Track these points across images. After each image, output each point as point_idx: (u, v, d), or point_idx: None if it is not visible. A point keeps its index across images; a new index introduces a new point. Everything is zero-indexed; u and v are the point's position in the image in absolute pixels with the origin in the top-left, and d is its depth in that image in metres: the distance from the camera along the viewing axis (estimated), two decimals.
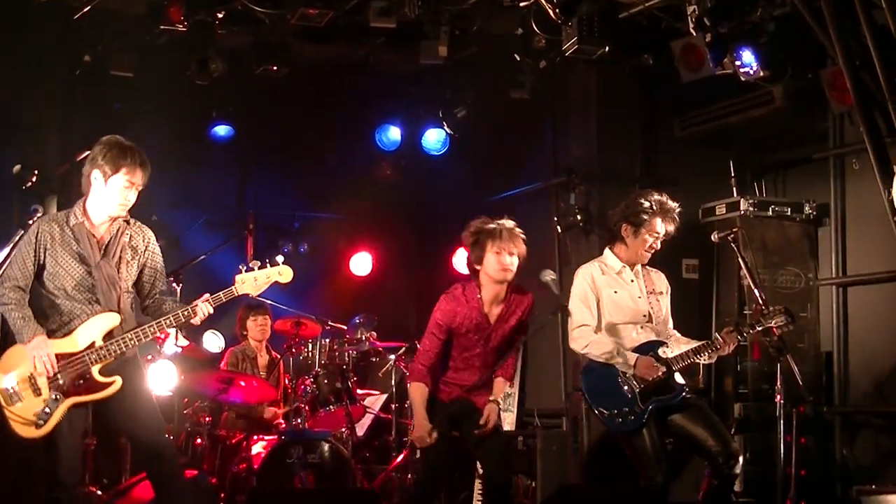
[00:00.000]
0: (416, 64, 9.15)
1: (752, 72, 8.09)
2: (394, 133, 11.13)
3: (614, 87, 9.77)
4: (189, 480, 7.15)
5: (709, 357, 6.53)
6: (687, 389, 6.54)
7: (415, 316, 11.41)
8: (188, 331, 8.62)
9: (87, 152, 8.96)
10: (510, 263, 6.39)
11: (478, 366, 6.47)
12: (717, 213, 9.22)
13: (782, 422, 6.94)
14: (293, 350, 9.38)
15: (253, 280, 5.96)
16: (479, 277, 6.46)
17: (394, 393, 9.46)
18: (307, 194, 11.74)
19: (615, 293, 6.65)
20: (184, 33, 8.45)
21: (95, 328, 5.82)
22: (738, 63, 8.04)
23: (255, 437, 8.46)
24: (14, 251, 6.17)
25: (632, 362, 6.45)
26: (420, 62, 9.08)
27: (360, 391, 9.30)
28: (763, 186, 9.74)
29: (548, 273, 6.40)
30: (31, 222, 6.19)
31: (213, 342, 9.93)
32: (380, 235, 11.79)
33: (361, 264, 11.79)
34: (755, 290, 6.78)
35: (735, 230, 7.10)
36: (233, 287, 5.95)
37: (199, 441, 8.57)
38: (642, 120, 9.93)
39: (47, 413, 5.72)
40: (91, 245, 5.87)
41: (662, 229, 6.66)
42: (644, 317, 6.63)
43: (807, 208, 9.17)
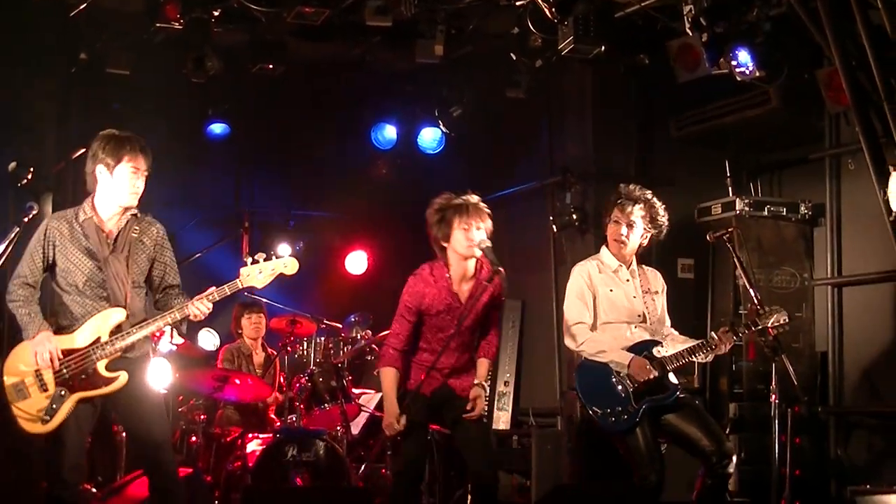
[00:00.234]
0: (413, 63, 9.14)
1: (749, 72, 8.09)
2: (390, 132, 11.13)
3: (610, 87, 9.78)
4: (184, 482, 7.13)
5: (704, 357, 6.52)
6: (681, 389, 6.54)
7: None
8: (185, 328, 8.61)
9: (83, 150, 8.99)
10: (478, 238, 6.27)
11: (454, 347, 6.32)
12: (713, 213, 9.23)
13: (777, 422, 6.96)
14: (288, 348, 9.38)
15: (258, 272, 5.90)
16: (447, 256, 6.34)
17: None
18: (303, 192, 11.74)
19: (611, 291, 6.64)
20: (180, 31, 8.44)
21: (102, 323, 5.82)
22: (735, 63, 8.04)
23: (251, 435, 8.46)
24: (9, 247, 6.17)
25: (626, 362, 6.45)
26: (416, 61, 9.07)
27: (356, 389, 9.29)
28: (759, 186, 9.75)
29: (483, 242, 6.25)
30: (27, 219, 6.18)
31: (209, 340, 9.92)
32: (375, 234, 11.80)
33: (357, 263, 11.80)
34: (750, 290, 6.78)
35: (731, 230, 7.10)
36: (237, 280, 5.90)
37: (194, 439, 8.56)
38: (638, 119, 9.94)
39: (54, 409, 5.72)
40: (100, 240, 5.87)
41: (635, 217, 6.63)
42: (639, 316, 6.63)
43: (802, 208, 9.18)
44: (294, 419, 8.70)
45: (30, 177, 7.83)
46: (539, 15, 8.32)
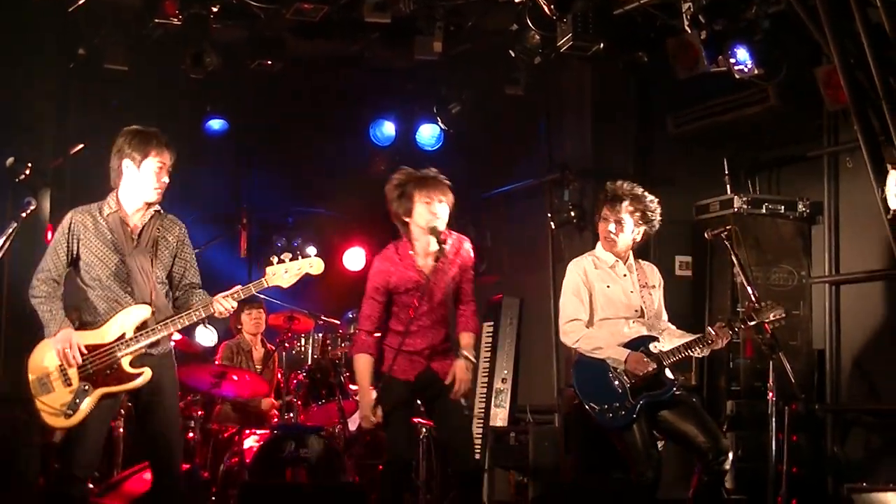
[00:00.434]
0: (411, 59, 9.14)
1: (747, 69, 8.09)
2: (388, 128, 11.14)
3: (609, 84, 9.77)
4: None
5: (701, 352, 6.53)
6: (678, 385, 6.55)
7: None
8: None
9: (81, 146, 9.02)
10: (441, 211, 6.27)
11: (428, 325, 6.30)
12: (711, 211, 9.22)
13: (774, 419, 6.95)
14: (286, 344, 9.38)
15: (283, 272, 5.89)
16: (410, 231, 6.33)
17: None
18: (301, 189, 11.74)
19: (608, 287, 6.65)
20: (178, 27, 8.44)
21: (127, 320, 5.83)
22: (733, 60, 8.04)
23: (248, 432, 8.46)
24: (7, 242, 6.16)
25: (622, 358, 6.45)
26: (415, 58, 9.07)
27: (353, 386, 9.28)
28: (757, 184, 9.74)
29: (443, 219, 6.29)
30: (25, 215, 6.17)
31: (206, 336, 9.92)
32: (373, 231, 11.76)
33: (355, 259, 11.80)
34: (748, 288, 6.79)
35: (728, 228, 7.11)
36: (263, 279, 5.89)
37: (192, 435, 8.55)
38: (636, 117, 9.92)
39: (77, 403, 5.72)
40: (125, 234, 5.89)
41: (624, 214, 6.64)
42: (636, 311, 6.64)
43: (800, 206, 9.18)
44: (291, 415, 8.71)
45: (28, 172, 7.81)
46: (538, 12, 8.31)
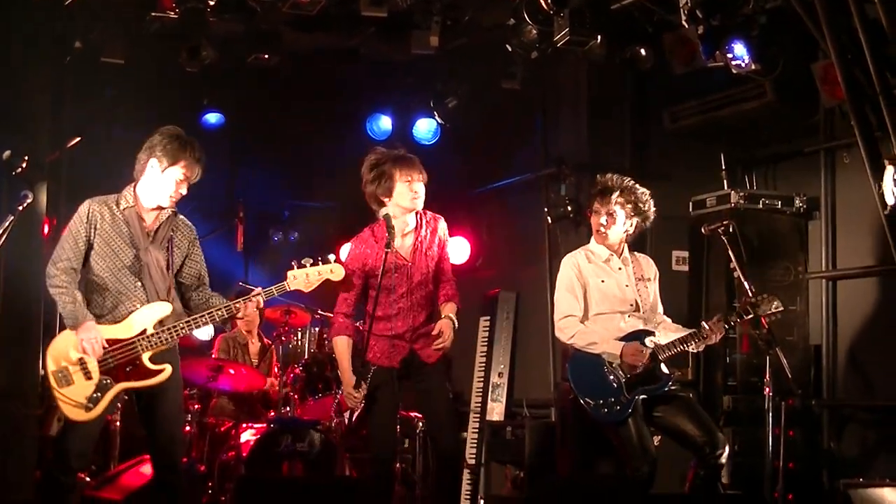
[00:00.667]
0: (408, 54, 9.13)
1: (744, 65, 8.08)
2: (385, 123, 11.12)
3: (605, 79, 9.76)
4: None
5: (696, 346, 6.53)
6: (673, 379, 6.56)
7: None
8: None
9: (78, 139, 9.01)
10: (420, 190, 6.27)
11: (407, 307, 6.28)
12: (708, 206, 9.20)
13: (771, 414, 6.97)
14: (282, 338, 9.39)
15: (305, 276, 5.98)
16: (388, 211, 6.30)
17: None
18: (297, 183, 11.74)
19: (602, 282, 6.65)
20: (175, 20, 8.42)
21: (148, 316, 5.84)
22: (730, 56, 8.03)
23: (245, 425, 8.46)
24: (3, 235, 6.15)
25: (618, 352, 6.45)
26: (411, 52, 9.05)
27: None
28: (753, 179, 9.73)
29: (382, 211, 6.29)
30: (21, 208, 6.18)
31: (203, 329, 9.89)
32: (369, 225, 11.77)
33: None
34: (745, 283, 6.79)
35: (725, 223, 7.10)
36: (285, 283, 5.98)
37: (188, 429, 8.56)
38: (633, 112, 9.91)
39: (97, 397, 5.74)
40: (141, 230, 5.90)
41: (603, 205, 6.64)
42: (631, 305, 6.65)
43: (797, 202, 9.17)
44: (288, 409, 8.71)
45: (24, 165, 7.82)
46: (535, 6, 8.29)
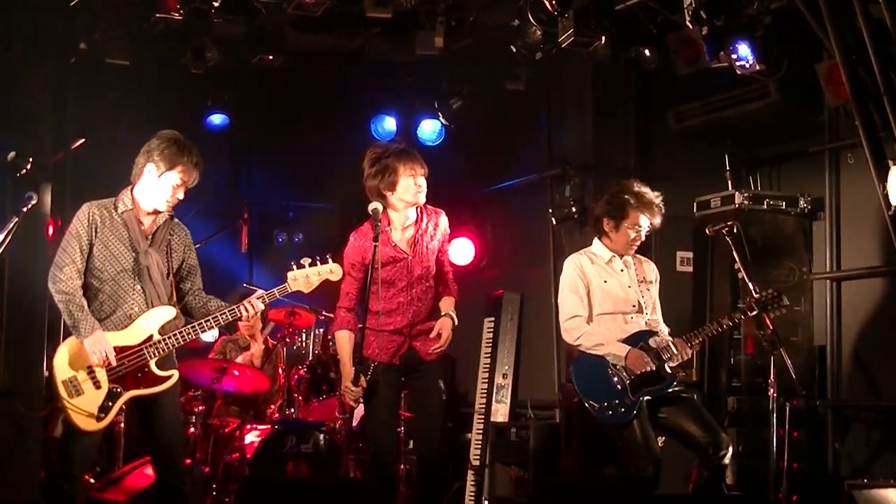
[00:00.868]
0: (412, 54, 9.12)
1: (748, 65, 8.07)
2: (389, 123, 11.11)
3: (610, 80, 9.76)
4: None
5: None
6: (677, 379, 6.55)
7: None
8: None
9: (83, 140, 9.02)
10: (423, 183, 6.27)
11: (406, 302, 6.27)
12: (712, 207, 9.20)
13: (775, 415, 6.96)
14: (287, 340, 9.39)
15: (305, 277, 6.01)
16: (390, 205, 6.30)
17: None
18: (302, 184, 11.74)
19: (605, 283, 6.65)
20: (180, 21, 8.43)
21: (153, 321, 5.85)
22: (734, 56, 8.03)
23: (249, 427, 8.46)
24: (8, 237, 6.15)
25: (623, 354, 6.45)
26: (416, 53, 9.05)
27: None
28: (758, 180, 9.73)
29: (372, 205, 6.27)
30: (26, 210, 6.17)
31: (208, 332, 9.90)
32: None
33: None
34: (749, 284, 6.79)
35: (730, 223, 7.10)
36: (285, 284, 6.01)
37: (192, 430, 8.57)
38: (637, 112, 9.92)
39: (109, 406, 5.73)
40: (140, 233, 5.89)
41: (645, 223, 6.65)
42: (633, 306, 6.65)
43: (801, 202, 9.16)
44: (292, 411, 8.71)
45: (29, 167, 7.83)
46: (539, 7, 8.29)
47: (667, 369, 6.49)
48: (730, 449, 6.41)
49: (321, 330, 9.70)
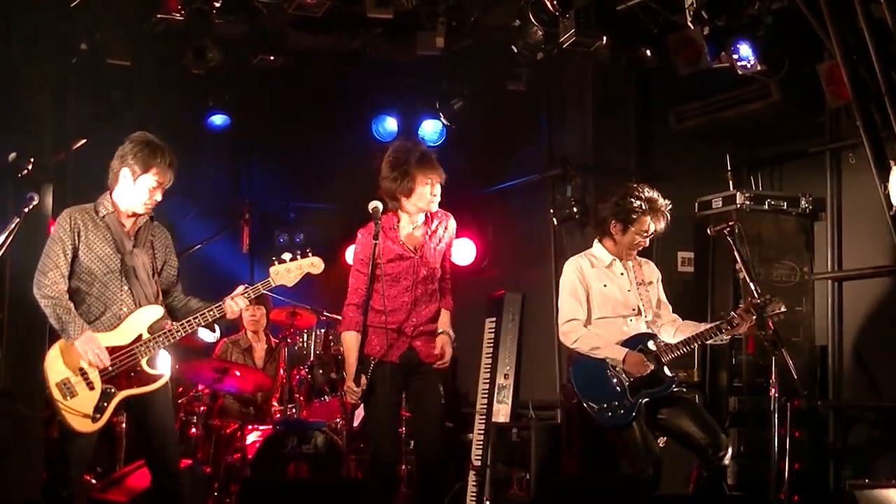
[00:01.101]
0: (413, 55, 9.12)
1: (750, 65, 8.08)
2: (390, 124, 11.12)
3: (611, 80, 9.76)
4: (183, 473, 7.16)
5: (718, 338, 6.56)
6: (676, 381, 6.55)
7: None
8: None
9: (84, 140, 9.02)
10: (438, 192, 6.30)
11: (410, 301, 6.27)
12: (714, 207, 9.20)
13: (776, 415, 6.96)
14: (288, 340, 9.38)
15: (286, 271, 6.06)
16: (402, 207, 6.32)
17: None
18: (303, 184, 11.74)
19: (605, 287, 6.65)
20: (181, 22, 8.43)
21: (141, 321, 5.86)
22: (736, 56, 8.03)
23: (250, 427, 8.46)
24: (9, 238, 6.15)
25: (621, 357, 6.45)
26: (417, 53, 9.05)
27: None
28: (759, 180, 9.73)
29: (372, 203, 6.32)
30: (27, 210, 6.18)
31: (208, 332, 9.89)
32: None
33: None
34: (750, 284, 6.79)
35: (731, 224, 7.09)
36: (269, 279, 6.03)
37: (194, 430, 8.57)
38: (638, 113, 9.91)
39: (103, 406, 5.74)
40: (123, 234, 5.90)
41: (652, 227, 6.66)
42: (633, 310, 6.65)
43: (803, 202, 9.16)
44: (294, 411, 8.70)
45: (30, 168, 7.83)
46: (540, 7, 8.29)
47: (666, 371, 6.49)
48: (729, 450, 6.42)
49: (322, 330, 9.69)
